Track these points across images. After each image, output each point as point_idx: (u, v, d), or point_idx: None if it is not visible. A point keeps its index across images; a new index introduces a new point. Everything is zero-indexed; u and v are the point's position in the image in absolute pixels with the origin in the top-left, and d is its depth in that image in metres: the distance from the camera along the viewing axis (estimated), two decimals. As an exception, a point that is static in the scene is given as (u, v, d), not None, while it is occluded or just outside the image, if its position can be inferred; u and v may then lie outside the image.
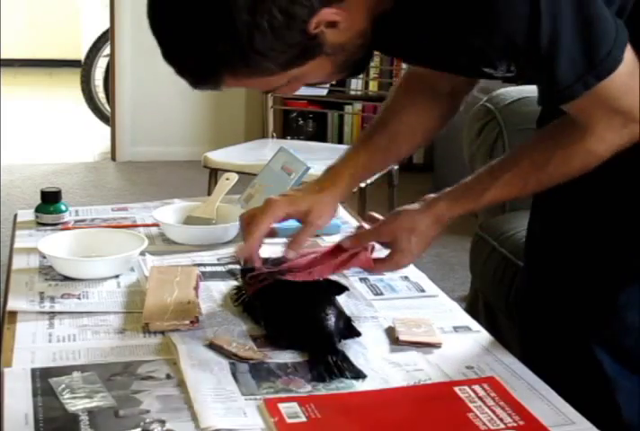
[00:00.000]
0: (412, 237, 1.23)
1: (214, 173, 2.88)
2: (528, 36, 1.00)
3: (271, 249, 1.46)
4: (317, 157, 1.96)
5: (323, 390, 1.08)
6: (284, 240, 1.28)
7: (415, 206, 1.25)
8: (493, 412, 1.02)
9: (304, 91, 4.60)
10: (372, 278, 1.43)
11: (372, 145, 1.35)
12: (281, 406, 1.02)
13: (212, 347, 1.16)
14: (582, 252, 1.29)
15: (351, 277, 1.43)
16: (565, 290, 1.31)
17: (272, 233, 1.28)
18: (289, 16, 0.99)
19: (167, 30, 1.04)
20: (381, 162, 1.39)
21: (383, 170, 1.51)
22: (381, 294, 1.38)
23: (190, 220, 1.63)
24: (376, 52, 1.17)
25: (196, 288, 1.33)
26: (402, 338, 1.21)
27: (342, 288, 1.34)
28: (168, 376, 1.09)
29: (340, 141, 4.35)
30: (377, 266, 1.27)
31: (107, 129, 4.79)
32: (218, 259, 1.50)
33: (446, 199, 1.23)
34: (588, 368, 1.28)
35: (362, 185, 2.77)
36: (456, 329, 1.27)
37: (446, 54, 1.12)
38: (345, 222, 1.73)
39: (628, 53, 1.06)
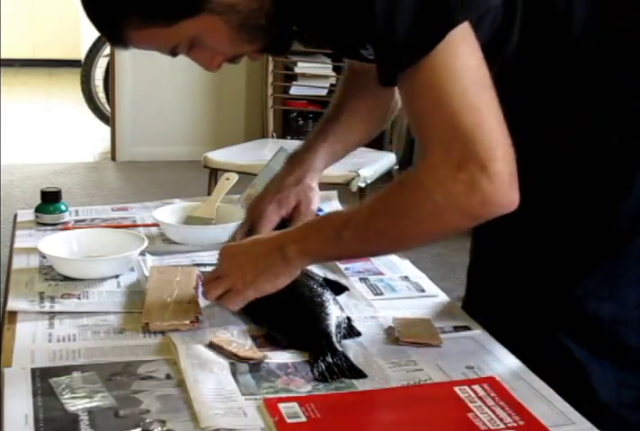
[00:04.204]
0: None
1: (214, 173, 2.88)
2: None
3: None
4: (317, 157, 1.94)
5: (323, 390, 1.08)
6: None
7: None
8: (493, 412, 1.02)
9: (304, 91, 4.59)
10: (372, 278, 1.43)
11: (331, 134, 1.44)
12: (281, 406, 1.01)
13: (212, 347, 1.16)
14: (534, 248, 1.30)
15: (351, 277, 1.43)
16: (522, 282, 1.31)
17: None
18: None
19: None
20: (342, 149, 1.46)
21: (344, 156, 1.52)
22: (381, 294, 1.38)
23: (190, 220, 1.63)
24: None
25: (196, 288, 1.33)
26: (402, 338, 1.21)
27: (342, 288, 1.35)
28: (168, 376, 1.09)
29: (340, 141, 4.35)
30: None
31: (107, 129, 4.80)
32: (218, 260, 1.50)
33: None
34: (558, 355, 1.27)
35: (362, 185, 2.77)
36: (456, 329, 1.27)
37: (332, 35, 1.14)
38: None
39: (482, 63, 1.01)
